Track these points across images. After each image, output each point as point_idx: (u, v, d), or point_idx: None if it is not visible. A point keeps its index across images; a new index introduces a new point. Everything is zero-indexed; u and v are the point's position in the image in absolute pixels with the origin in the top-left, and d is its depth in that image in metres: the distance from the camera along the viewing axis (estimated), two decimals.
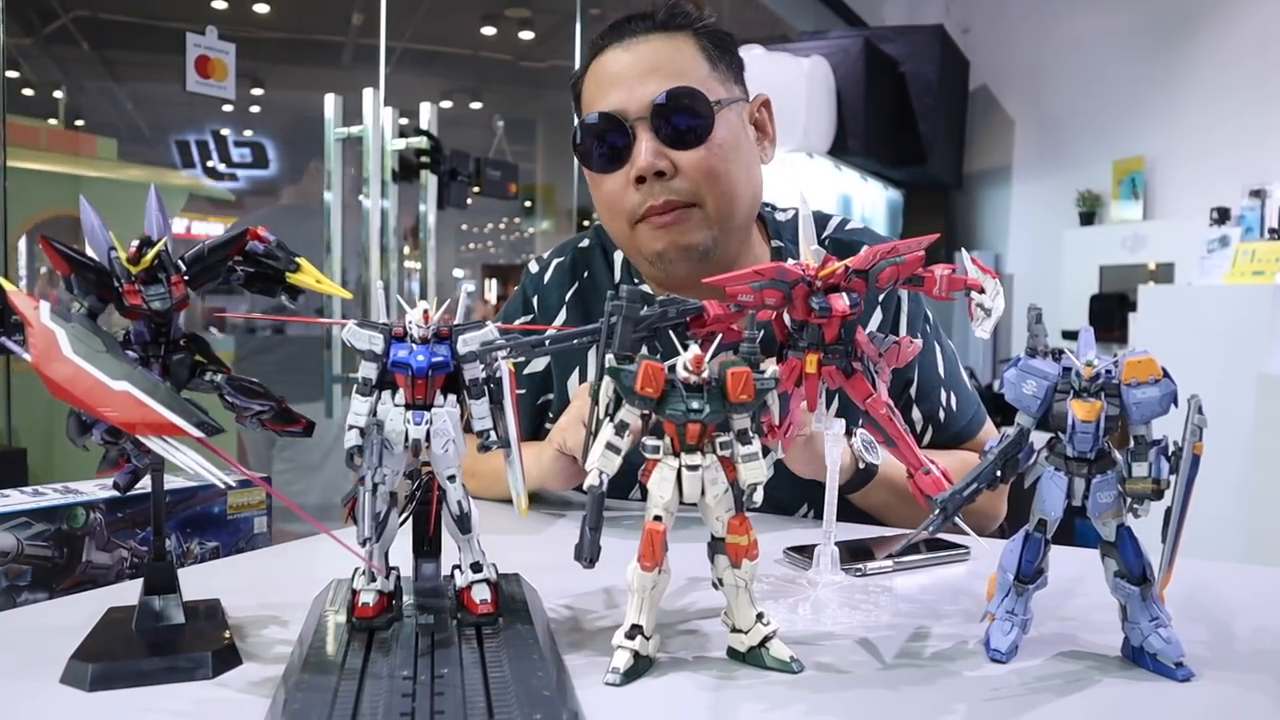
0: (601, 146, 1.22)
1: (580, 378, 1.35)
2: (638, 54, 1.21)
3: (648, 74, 1.19)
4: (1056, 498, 0.69)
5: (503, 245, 10.17)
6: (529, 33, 6.41)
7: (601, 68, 1.24)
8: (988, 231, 6.84)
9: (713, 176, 1.20)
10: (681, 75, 1.20)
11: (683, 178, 1.20)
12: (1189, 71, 5.58)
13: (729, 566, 0.69)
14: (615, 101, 1.20)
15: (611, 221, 1.27)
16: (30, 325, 0.62)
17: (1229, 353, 3.45)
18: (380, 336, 0.70)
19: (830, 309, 0.74)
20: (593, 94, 1.24)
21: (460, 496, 0.72)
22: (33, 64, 4.51)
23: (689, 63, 1.22)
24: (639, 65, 1.20)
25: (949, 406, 1.33)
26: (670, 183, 1.20)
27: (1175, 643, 0.68)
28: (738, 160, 1.23)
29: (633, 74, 1.20)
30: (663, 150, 1.19)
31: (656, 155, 1.18)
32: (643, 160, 1.18)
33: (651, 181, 1.19)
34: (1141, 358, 0.66)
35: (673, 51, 1.22)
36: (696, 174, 1.20)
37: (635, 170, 1.19)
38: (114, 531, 0.96)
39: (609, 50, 1.24)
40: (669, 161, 1.19)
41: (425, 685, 0.62)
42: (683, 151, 1.19)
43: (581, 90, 1.28)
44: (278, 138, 5.45)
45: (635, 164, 1.19)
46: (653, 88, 1.18)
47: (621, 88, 1.20)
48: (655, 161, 1.18)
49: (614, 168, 1.22)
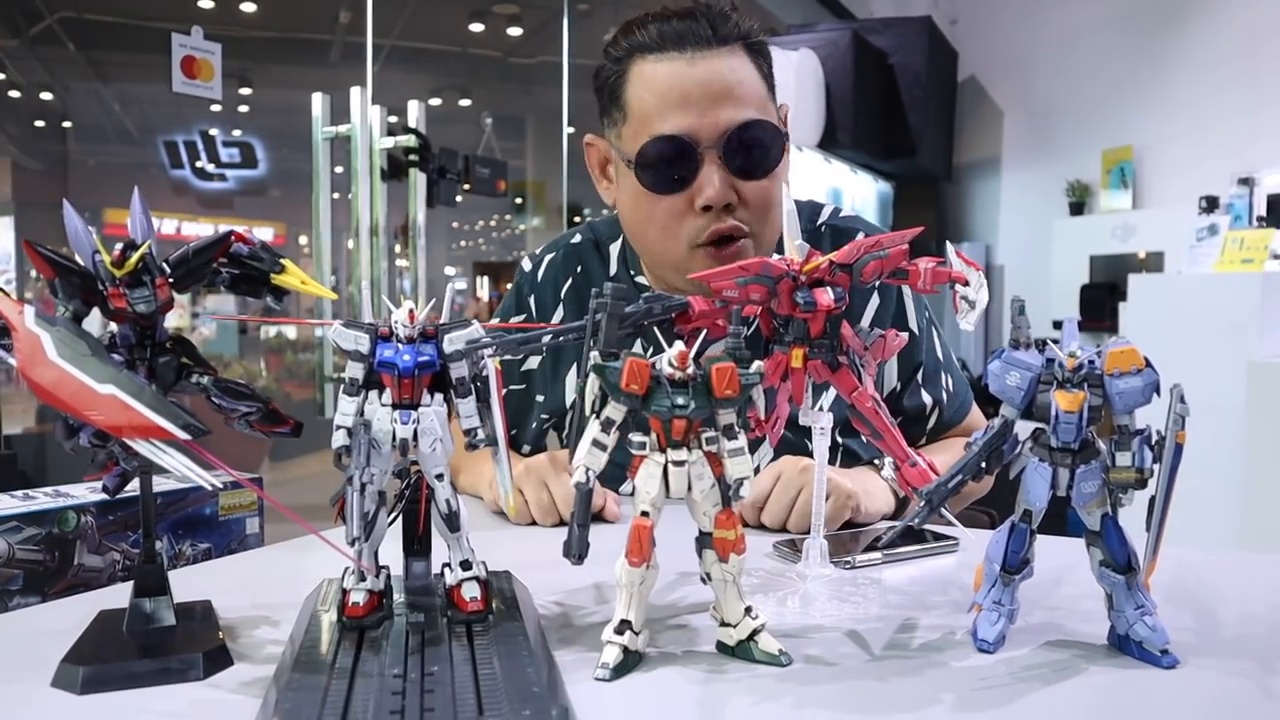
0: (665, 169, 1.18)
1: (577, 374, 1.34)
2: (705, 73, 1.16)
3: (719, 98, 1.15)
4: (1041, 488, 0.69)
5: (493, 242, 10.16)
6: (517, 29, 6.40)
7: (660, 78, 1.17)
8: (978, 222, 6.85)
9: (769, 207, 1.19)
10: (750, 102, 1.17)
11: (744, 208, 1.18)
12: (1177, 60, 5.59)
13: (717, 561, 0.69)
14: (684, 125, 1.16)
15: (664, 241, 1.23)
16: (15, 329, 0.62)
17: (1219, 340, 3.46)
18: (366, 337, 0.70)
19: (815, 303, 0.74)
20: (651, 108, 1.18)
21: (449, 495, 0.73)
22: (19, 66, 4.49)
23: (753, 87, 1.19)
24: (709, 87, 1.16)
25: (948, 389, 1.37)
26: (735, 212, 1.18)
27: (1160, 630, 0.69)
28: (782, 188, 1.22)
29: (704, 96, 1.15)
30: (730, 180, 1.17)
31: (727, 188, 1.16)
32: (715, 192, 1.15)
33: (718, 211, 1.17)
34: (1124, 348, 0.67)
35: (738, 74, 1.18)
36: (758, 204, 1.19)
37: (704, 200, 1.16)
38: (105, 534, 0.96)
39: (666, 58, 1.17)
40: (735, 193, 1.17)
41: (415, 683, 0.62)
42: (748, 182, 1.18)
43: (624, 94, 1.21)
44: (266, 137, 5.44)
45: (704, 193, 1.16)
46: (727, 115, 1.15)
47: (691, 110, 1.15)
48: (726, 194, 1.16)
49: (675, 190, 1.18)
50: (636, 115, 1.20)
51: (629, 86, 1.21)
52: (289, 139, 5.34)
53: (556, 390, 1.37)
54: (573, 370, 1.36)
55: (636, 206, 1.24)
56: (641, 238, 1.28)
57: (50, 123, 4.97)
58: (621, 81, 1.21)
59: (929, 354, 1.35)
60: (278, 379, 6.09)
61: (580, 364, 1.33)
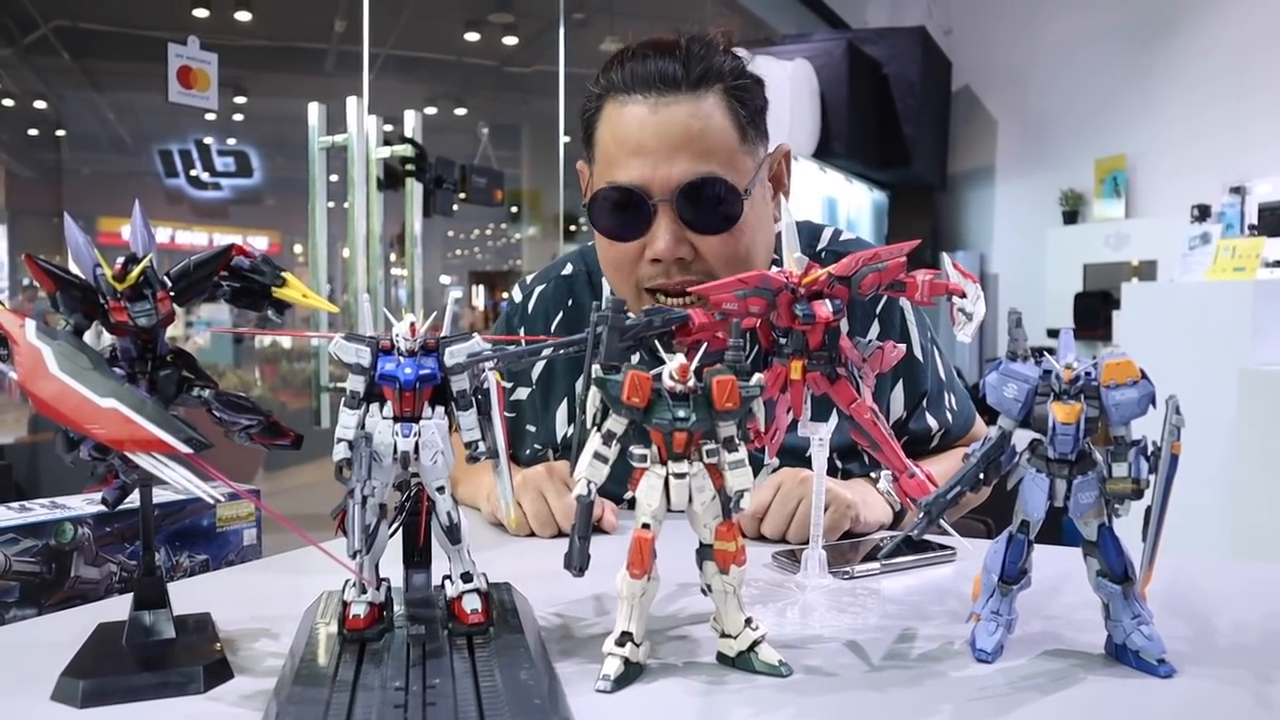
0: (619, 216, 1.16)
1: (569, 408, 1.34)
2: (665, 121, 1.12)
3: (676, 150, 1.11)
4: (1038, 499, 0.70)
5: (490, 251, 10.17)
6: (513, 38, 6.41)
7: (624, 124, 1.14)
8: (972, 231, 6.88)
9: (734, 263, 1.14)
10: (711, 155, 1.12)
11: (702, 261, 1.15)
12: (1169, 70, 5.63)
13: (717, 572, 0.70)
14: (638, 175, 1.13)
15: (617, 279, 1.22)
16: (16, 343, 0.62)
17: (1211, 348, 3.48)
18: (367, 350, 0.70)
19: (814, 316, 0.75)
20: (611, 153, 1.16)
21: (449, 507, 0.73)
22: (13, 74, 4.49)
23: (719, 137, 1.13)
24: (667, 138, 1.11)
25: (952, 408, 1.37)
26: (689, 265, 1.15)
27: (1157, 640, 0.69)
28: (757, 240, 1.19)
29: (659, 147, 1.11)
30: (684, 234, 1.14)
31: (678, 242, 1.13)
32: (663, 246, 1.12)
33: (668, 265, 1.15)
34: (1120, 360, 0.67)
35: (704, 123, 1.12)
36: (717, 260, 1.15)
37: (654, 254, 1.14)
38: (102, 546, 0.96)
39: (633, 103, 1.14)
40: (689, 246, 1.14)
41: (417, 695, 0.62)
42: (705, 236, 1.14)
43: (595, 132, 1.19)
44: (261, 146, 5.44)
45: (654, 246, 1.13)
46: (681, 168, 1.11)
47: (646, 161, 1.12)
48: (676, 249, 1.13)
49: (628, 238, 1.16)
50: (601, 158, 1.19)
51: (599, 126, 1.19)
52: (284, 148, 5.34)
53: (548, 424, 1.36)
54: (563, 405, 1.35)
55: (599, 243, 1.23)
56: (609, 279, 1.27)
57: (44, 131, 4.97)
58: (595, 119, 1.20)
59: (932, 377, 1.34)
60: (273, 388, 6.08)
61: (572, 397, 1.34)
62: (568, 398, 1.34)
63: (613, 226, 1.17)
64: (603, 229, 1.18)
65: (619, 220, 1.16)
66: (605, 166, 1.17)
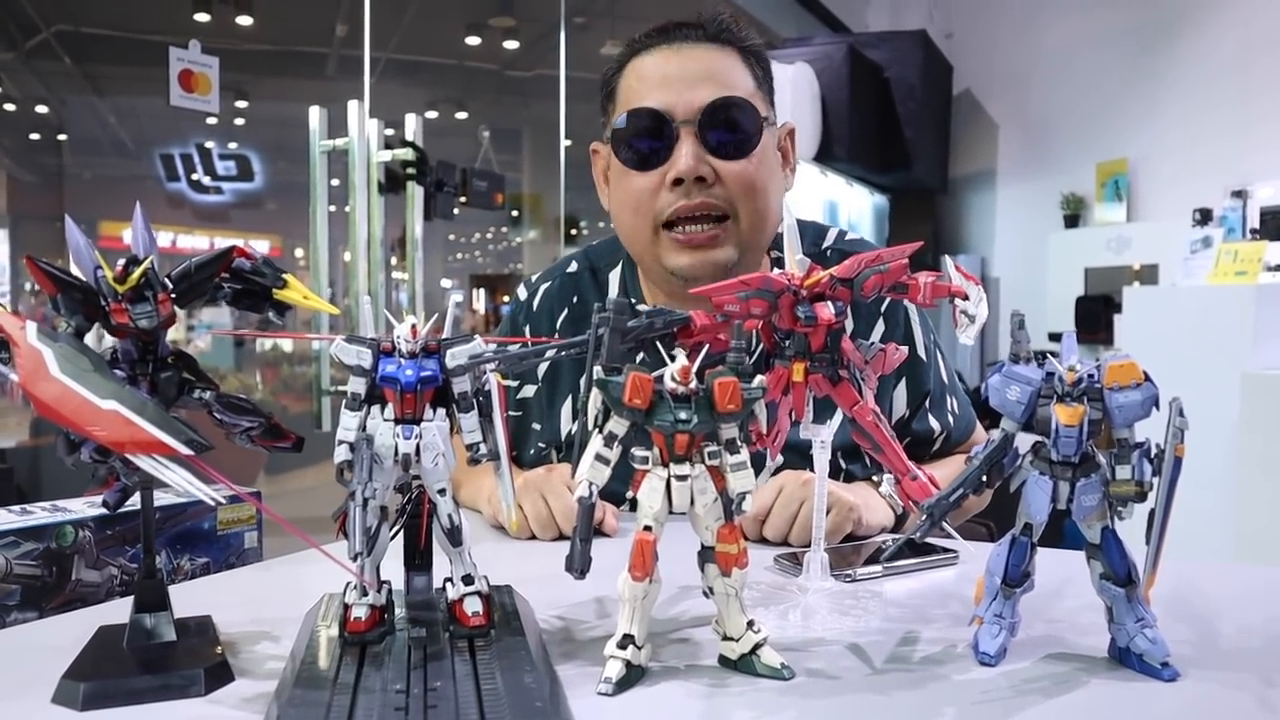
0: (640, 142, 1.20)
1: (574, 405, 1.34)
2: (689, 58, 1.20)
3: (699, 79, 1.18)
4: (1041, 501, 0.70)
5: (490, 255, 10.18)
6: (514, 42, 6.42)
7: (647, 66, 1.22)
8: (973, 235, 6.88)
9: (751, 190, 1.19)
10: (732, 87, 1.19)
11: (721, 186, 1.19)
12: (1171, 74, 5.63)
13: (719, 575, 0.70)
14: (662, 101, 1.18)
15: (634, 221, 1.24)
16: (17, 345, 0.62)
17: (1213, 352, 3.48)
18: (369, 352, 0.70)
19: (816, 318, 0.75)
20: (635, 90, 1.22)
21: (451, 510, 0.72)
22: (15, 79, 4.50)
23: (739, 76, 1.21)
24: (690, 70, 1.19)
25: (954, 411, 1.37)
26: (709, 189, 1.18)
27: (1161, 643, 0.69)
28: (773, 179, 1.24)
29: (684, 77, 1.18)
30: (705, 156, 1.18)
31: (699, 160, 1.17)
32: (685, 163, 1.17)
33: (689, 185, 1.18)
34: (1123, 362, 0.67)
35: (724, 62, 1.21)
36: (737, 185, 1.19)
37: (675, 172, 1.17)
38: (103, 549, 0.96)
39: (655, 51, 1.22)
40: (710, 168, 1.18)
41: (418, 698, 0.62)
42: (726, 161, 1.18)
43: (617, 87, 1.26)
44: (263, 150, 5.45)
45: (676, 166, 1.17)
46: (704, 93, 1.17)
47: (670, 89, 1.18)
48: (698, 166, 1.17)
49: (649, 167, 1.20)
50: (622, 100, 1.24)
51: (621, 80, 1.25)
52: (286, 152, 5.35)
53: (553, 422, 1.36)
54: (568, 402, 1.35)
55: (617, 189, 1.27)
56: (624, 227, 1.29)
57: (46, 136, 4.97)
58: (617, 77, 1.26)
59: (935, 379, 1.34)
60: (274, 392, 6.08)
61: (576, 394, 1.34)
62: (572, 395, 1.34)
63: (636, 153, 1.21)
64: (625, 159, 1.22)
65: (641, 146, 1.20)
66: (624, 106, 1.23)
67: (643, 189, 1.21)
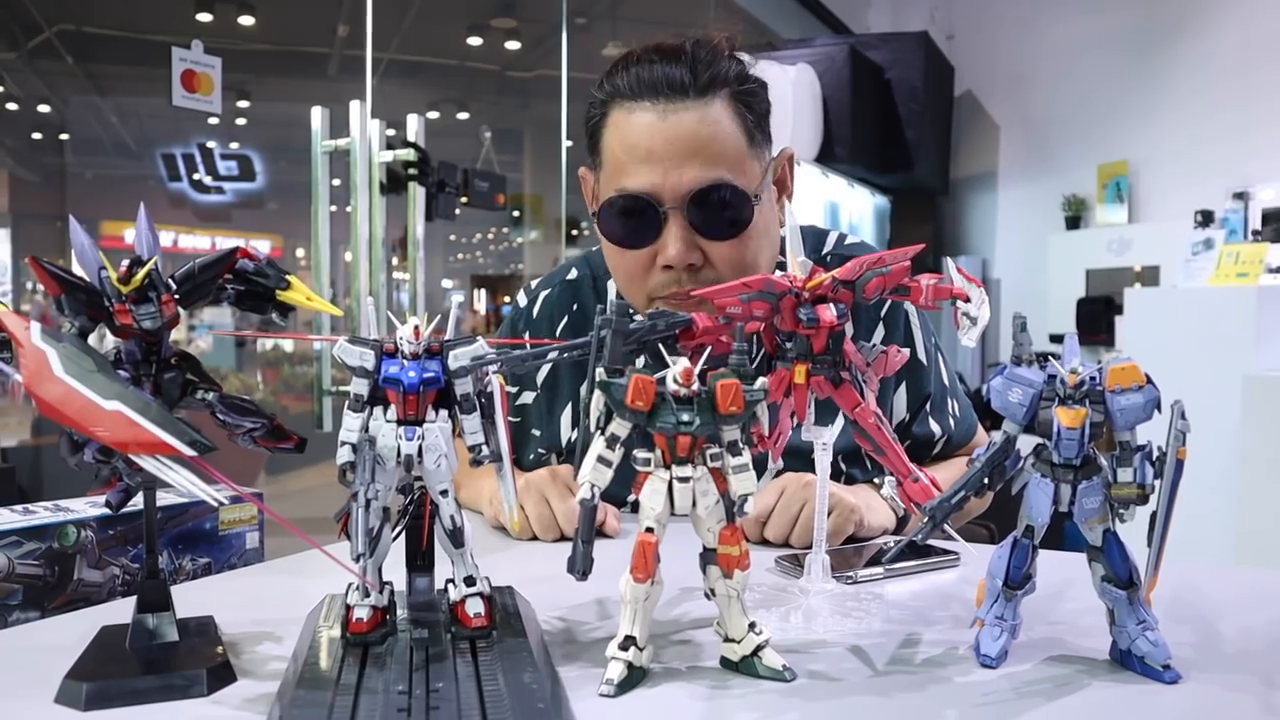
0: (629, 224, 1.15)
1: (574, 413, 1.34)
2: (674, 128, 1.11)
3: (685, 157, 1.11)
4: (1043, 504, 0.70)
5: (491, 255, 10.18)
6: (515, 43, 6.42)
7: (632, 132, 1.14)
8: (974, 237, 6.88)
9: (742, 268, 1.14)
10: (721, 160, 1.12)
11: (711, 269, 1.15)
12: (1172, 76, 5.63)
13: (721, 577, 0.70)
14: (648, 182, 1.12)
15: (627, 289, 1.21)
16: (21, 345, 0.62)
17: (1214, 354, 3.48)
18: (371, 353, 0.70)
19: (818, 320, 0.75)
20: (620, 163, 1.15)
21: (453, 511, 0.73)
22: (17, 78, 4.50)
23: (728, 143, 1.13)
24: (676, 145, 1.11)
25: (955, 414, 1.36)
26: (700, 273, 1.14)
27: (1162, 645, 0.69)
28: (765, 246, 1.19)
29: (669, 154, 1.11)
30: (695, 241, 1.13)
31: (689, 248, 1.12)
32: (675, 253, 1.12)
33: (680, 270, 1.14)
34: (1125, 364, 0.67)
35: (712, 129, 1.12)
36: (727, 266, 1.14)
37: (665, 260, 1.13)
38: (105, 549, 0.96)
39: (641, 109, 1.13)
40: (700, 253, 1.14)
41: (420, 699, 0.62)
42: (716, 243, 1.14)
43: (601, 138, 1.19)
44: (264, 150, 5.45)
45: (665, 253, 1.13)
46: (691, 175, 1.11)
47: (656, 168, 1.11)
48: (688, 254, 1.12)
49: (638, 245, 1.16)
50: (608, 165, 1.18)
51: (605, 133, 1.18)
52: (287, 152, 5.35)
53: (552, 428, 1.36)
54: (568, 409, 1.35)
55: (609, 259, 1.23)
56: (620, 289, 1.26)
57: (48, 135, 4.98)
58: (601, 125, 1.19)
59: (936, 382, 1.34)
60: (274, 392, 6.08)
61: (576, 401, 1.34)
62: (572, 402, 1.34)
63: (623, 234, 1.16)
64: (612, 237, 1.18)
65: (629, 228, 1.15)
66: (613, 174, 1.16)
67: (633, 266, 1.17)
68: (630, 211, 1.14)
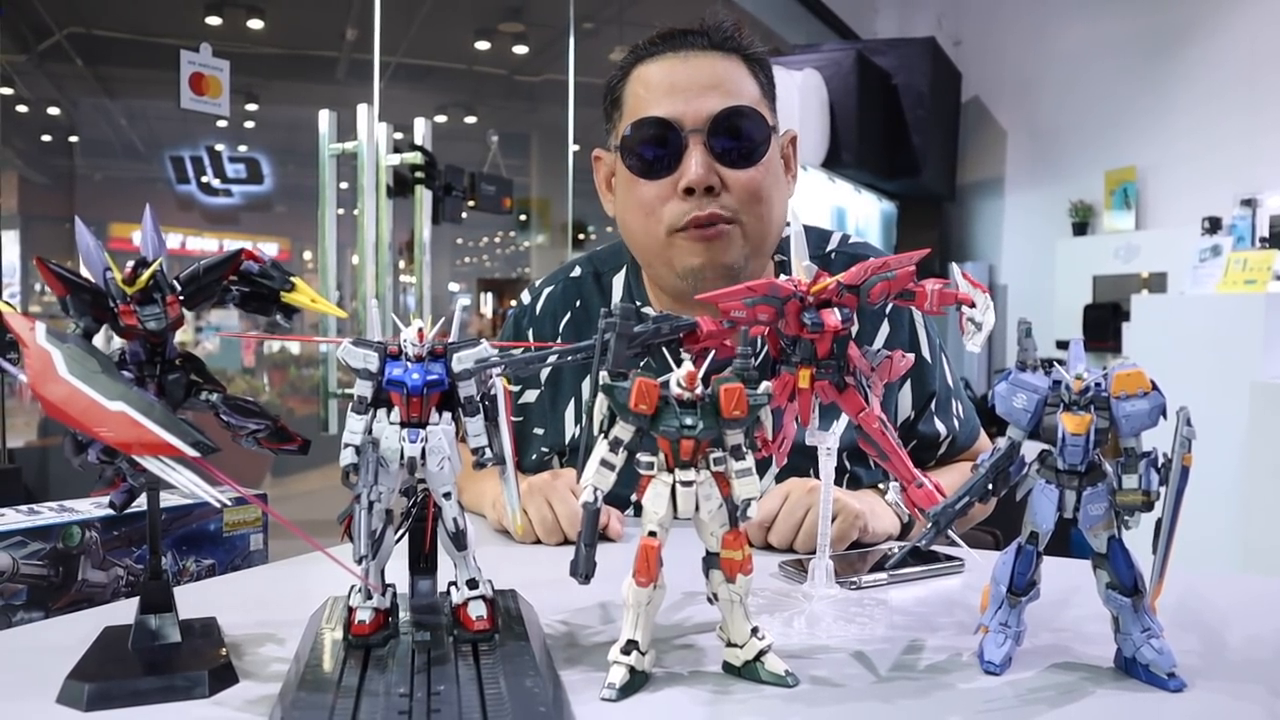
0: (648, 151, 1.21)
1: (577, 409, 1.35)
2: (695, 66, 1.21)
3: (706, 88, 1.19)
4: (1048, 510, 0.69)
5: (498, 259, 10.18)
6: (523, 47, 6.43)
7: (653, 74, 1.23)
8: (981, 242, 6.87)
9: (757, 198, 1.21)
10: (738, 95, 1.20)
11: (729, 195, 1.20)
12: (1180, 82, 5.61)
13: (724, 581, 0.69)
14: (670, 110, 1.19)
15: (645, 226, 1.25)
16: (26, 346, 0.62)
17: (1222, 361, 3.46)
18: (375, 355, 0.70)
19: (822, 324, 0.75)
20: (642, 99, 1.23)
21: (456, 513, 0.73)
22: (27, 81, 4.52)
23: (744, 84, 1.22)
24: (697, 78, 1.20)
25: (959, 416, 1.37)
26: (717, 198, 1.20)
27: (1167, 653, 0.68)
28: (778, 186, 1.25)
29: (692, 85, 1.19)
30: (714, 165, 1.19)
31: (709, 170, 1.19)
32: (695, 174, 1.18)
33: (700, 194, 1.19)
34: (1130, 370, 0.67)
35: (730, 70, 1.22)
36: (744, 193, 1.20)
37: (686, 182, 1.18)
38: (109, 550, 0.96)
39: (661, 58, 1.23)
40: (719, 178, 1.19)
41: (421, 702, 0.62)
42: (733, 170, 1.20)
43: (622, 94, 1.27)
44: (272, 153, 5.46)
45: (685, 175, 1.19)
46: (711, 102, 1.19)
47: (679, 98, 1.19)
48: (708, 176, 1.18)
49: (658, 175, 1.21)
50: (628, 108, 1.25)
51: (627, 86, 1.26)
52: (295, 155, 5.36)
53: (556, 426, 1.36)
54: (571, 405, 1.35)
55: (625, 195, 1.27)
56: (628, 230, 1.30)
57: (57, 137, 4.99)
58: (622, 83, 1.27)
59: (940, 382, 1.35)
60: (280, 394, 6.09)
61: (579, 398, 1.34)
62: (575, 397, 1.34)
63: (644, 162, 1.22)
64: (634, 168, 1.23)
65: (651, 154, 1.21)
66: (631, 114, 1.23)
67: (653, 197, 1.22)
68: (652, 138, 1.20)
